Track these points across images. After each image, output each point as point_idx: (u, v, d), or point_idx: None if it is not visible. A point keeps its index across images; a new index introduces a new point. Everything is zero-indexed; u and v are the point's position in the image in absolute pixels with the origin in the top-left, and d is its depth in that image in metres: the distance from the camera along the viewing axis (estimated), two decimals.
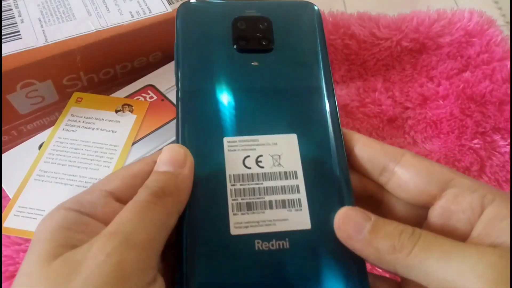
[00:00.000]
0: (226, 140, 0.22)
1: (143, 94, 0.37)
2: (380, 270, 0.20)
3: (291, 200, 0.20)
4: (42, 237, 0.17)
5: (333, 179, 0.21)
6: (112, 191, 0.18)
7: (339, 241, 0.18)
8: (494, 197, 0.17)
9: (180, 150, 0.19)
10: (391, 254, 0.16)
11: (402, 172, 0.19)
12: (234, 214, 0.20)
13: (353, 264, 0.18)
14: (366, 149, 0.20)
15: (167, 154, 0.19)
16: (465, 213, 0.17)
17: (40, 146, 0.33)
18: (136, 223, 0.16)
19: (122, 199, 0.18)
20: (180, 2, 0.40)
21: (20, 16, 0.36)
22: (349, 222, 0.17)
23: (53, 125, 0.34)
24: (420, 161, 0.19)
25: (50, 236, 0.16)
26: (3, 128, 0.37)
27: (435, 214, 0.18)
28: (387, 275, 0.21)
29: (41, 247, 0.16)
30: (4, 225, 0.29)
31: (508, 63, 0.51)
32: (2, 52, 0.33)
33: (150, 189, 0.18)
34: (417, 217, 0.20)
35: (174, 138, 0.35)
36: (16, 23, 0.36)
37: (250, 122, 0.22)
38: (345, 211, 0.18)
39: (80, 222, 0.17)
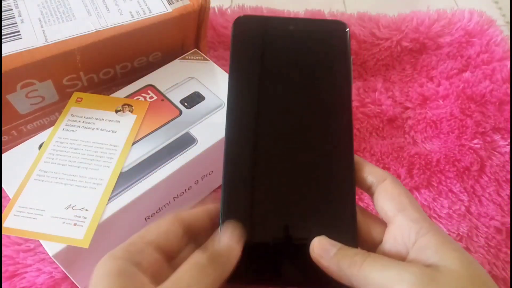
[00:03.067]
0: None
1: (143, 94, 0.37)
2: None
3: None
4: (97, 284, 0.19)
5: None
6: (150, 242, 0.21)
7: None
8: (428, 230, 0.22)
9: (238, 229, 0.22)
10: (347, 269, 0.21)
11: (380, 191, 0.24)
12: None
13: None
14: (361, 173, 0.26)
15: (229, 228, 0.22)
16: (403, 239, 0.22)
17: (40, 146, 0.33)
18: (193, 283, 0.19)
19: (162, 250, 0.21)
20: (180, 2, 0.40)
21: (20, 16, 0.36)
22: (321, 247, 0.22)
23: (53, 125, 0.34)
24: (393, 188, 0.24)
25: (103, 283, 0.19)
26: (3, 128, 0.37)
27: (388, 234, 0.23)
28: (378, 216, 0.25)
29: None
30: (4, 225, 0.29)
31: (508, 63, 0.51)
32: (2, 52, 0.33)
33: (208, 252, 0.21)
34: None
35: (174, 138, 0.35)
36: (16, 23, 0.36)
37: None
38: (319, 239, 0.22)
39: (128, 272, 0.19)
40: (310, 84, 0.26)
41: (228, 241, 0.22)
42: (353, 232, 0.23)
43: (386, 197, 0.24)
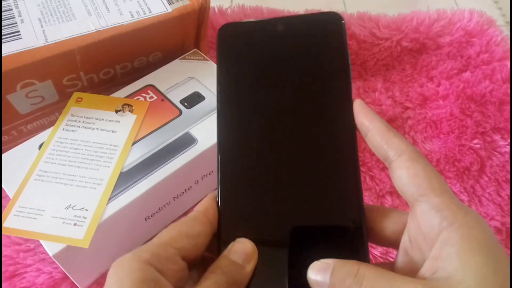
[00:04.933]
0: None
1: (143, 94, 0.37)
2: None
3: None
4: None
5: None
6: (180, 249, 0.20)
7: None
8: (453, 221, 0.19)
9: (251, 247, 0.22)
10: None
11: (395, 169, 0.22)
12: None
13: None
14: (375, 138, 0.23)
15: (240, 246, 0.22)
16: (427, 230, 0.20)
17: (40, 146, 0.33)
18: None
19: (186, 258, 0.20)
20: (180, 2, 0.40)
21: (20, 16, 0.36)
22: (317, 275, 0.20)
23: (53, 125, 0.34)
24: (408, 167, 0.21)
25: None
26: (3, 128, 0.37)
27: (411, 221, 0.21)
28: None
29: None
30: (4, 225, 0.29)
31: (508, 63, 0.51)
32: (2, 52, 0.33)
33: (225, 276, 0.20)
34: None
35: (174, 138, 0.34)
36: (16, 23, 0.36)
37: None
38: (314, 264, 0.21)
39: (154, 280, 0.18)
40: (305, 84, 0.25)
41: (238, 257, 0.21)
42: (361, 241, 0.22)
43: (403, 178, 0.21)
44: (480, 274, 0.17)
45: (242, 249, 0.21)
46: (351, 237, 0.22)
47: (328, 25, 0.26)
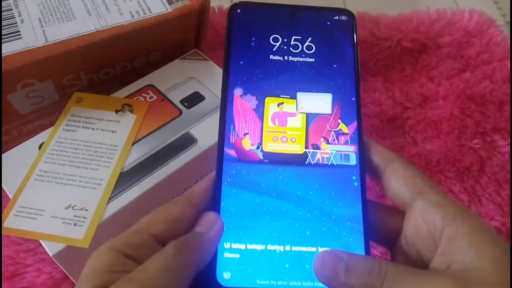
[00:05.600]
0: None
1: (143, 94, 0.37)
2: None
3: None
4: (87, 274, 0.18)
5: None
6: (157, 234, 0.20)
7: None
8: (456, 216, 0.19)
9: (212, 216, 0.21)
10: None
11: (390, 174, 0.22)
12: None
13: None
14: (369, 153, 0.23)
15: (201, 218, 0.21)
16: (428, 227, 0.19)
17: (40, 146, 0.33)
18: (157, 272, 0.18)
19: (165, 242, 0.20)
20: (180, 2, 0.40)
21: (20, 16, 0.36)
22: (325, 267, 0.19)
23: (53, 125, 0.34)
24: (404, 169, 0.21)
25: (92, 274, 0.18)
26: (3, 128, 0.37)
27: (408, 222, 0.21)
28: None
29: (83, 283, 0.18)
30: (4, 225, 0.29)
31: (508, 63, 0.51)
32: (2, 52, 0.33)
33: (177, 242, 0.19)
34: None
35: (174, 138, 0.34)
36: (16, 23, 0.36)
37: None
38: (322, 256, 0.20)
39: (122, 264, 0.18)
40: (314, 75, 0.25)
41: (201, 228, 0.21)
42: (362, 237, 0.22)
43: (399, 180, 0.21)
44: (496, 260, 0.17)
45: (203, 221, 0.21)
46: (352, 232, 0.22)
47: (340, 21, 0.27)
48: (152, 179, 0.32)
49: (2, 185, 0.31)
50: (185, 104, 0.37)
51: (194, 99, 0.38)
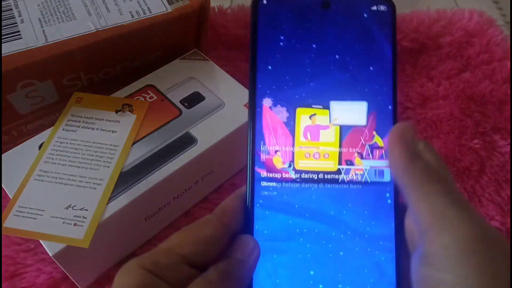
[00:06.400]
0: None
1: (143, 94, 0.37)
2: None
3: None
4: None
5: None
6: (186, 256, 0.19)
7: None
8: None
9: (250, 242, 0.21)
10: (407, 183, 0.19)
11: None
12: None
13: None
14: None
15: (239, 243, 0.21)
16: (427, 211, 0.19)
17: (40, 146, 0.33)
18: None
19: (194, 264, 0.20)
20: (180, 2, 0.40)
21: (20, 16, 0.36)
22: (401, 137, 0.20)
23: (53, 125, 0.34)
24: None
25: None
26: (3, 128, 0.37)
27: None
28: None
29: None
30: (4, 225, 0.29)
31: (508, 63, 0.51)
32: (2, 52, 0.33)
33: (219, 270, 0.19)
34: None
35: (174, 138, 0.34)
36: (16, 23, 0.36)
37: None
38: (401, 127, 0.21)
39: (153, 285, 0.18)
40: (348, 80, 0.23)
41: (241, 255, 0.20)
42: None
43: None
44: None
45: (242, 245, 0.21)
46: (385, 251, 0.21)
47: (378, 11, 0.23)
48: (152, 179, 0.32)
49: (2, 185, 0.31)
50: (185, 104, 0.37)
51: (194, 99, 0.38)
